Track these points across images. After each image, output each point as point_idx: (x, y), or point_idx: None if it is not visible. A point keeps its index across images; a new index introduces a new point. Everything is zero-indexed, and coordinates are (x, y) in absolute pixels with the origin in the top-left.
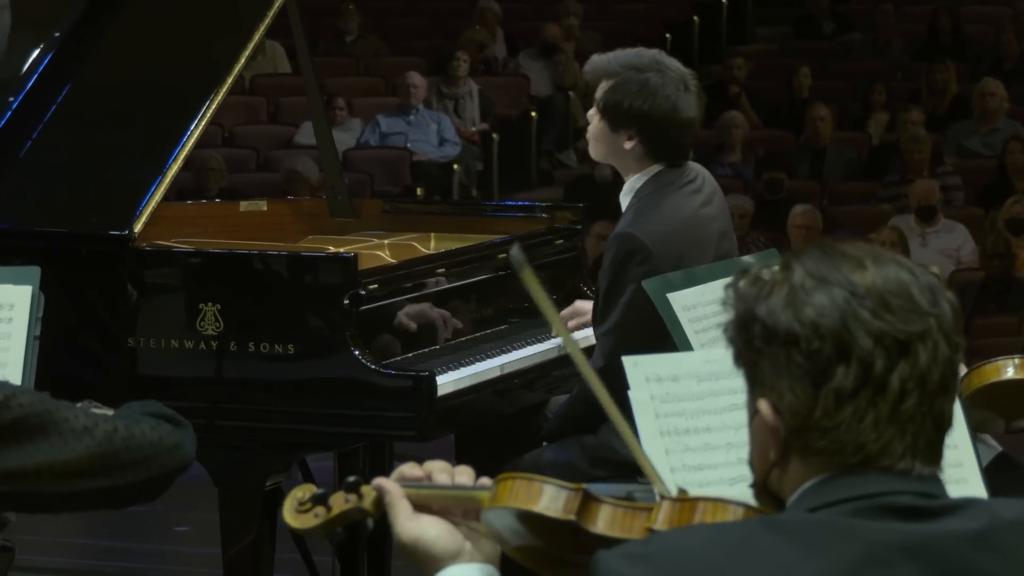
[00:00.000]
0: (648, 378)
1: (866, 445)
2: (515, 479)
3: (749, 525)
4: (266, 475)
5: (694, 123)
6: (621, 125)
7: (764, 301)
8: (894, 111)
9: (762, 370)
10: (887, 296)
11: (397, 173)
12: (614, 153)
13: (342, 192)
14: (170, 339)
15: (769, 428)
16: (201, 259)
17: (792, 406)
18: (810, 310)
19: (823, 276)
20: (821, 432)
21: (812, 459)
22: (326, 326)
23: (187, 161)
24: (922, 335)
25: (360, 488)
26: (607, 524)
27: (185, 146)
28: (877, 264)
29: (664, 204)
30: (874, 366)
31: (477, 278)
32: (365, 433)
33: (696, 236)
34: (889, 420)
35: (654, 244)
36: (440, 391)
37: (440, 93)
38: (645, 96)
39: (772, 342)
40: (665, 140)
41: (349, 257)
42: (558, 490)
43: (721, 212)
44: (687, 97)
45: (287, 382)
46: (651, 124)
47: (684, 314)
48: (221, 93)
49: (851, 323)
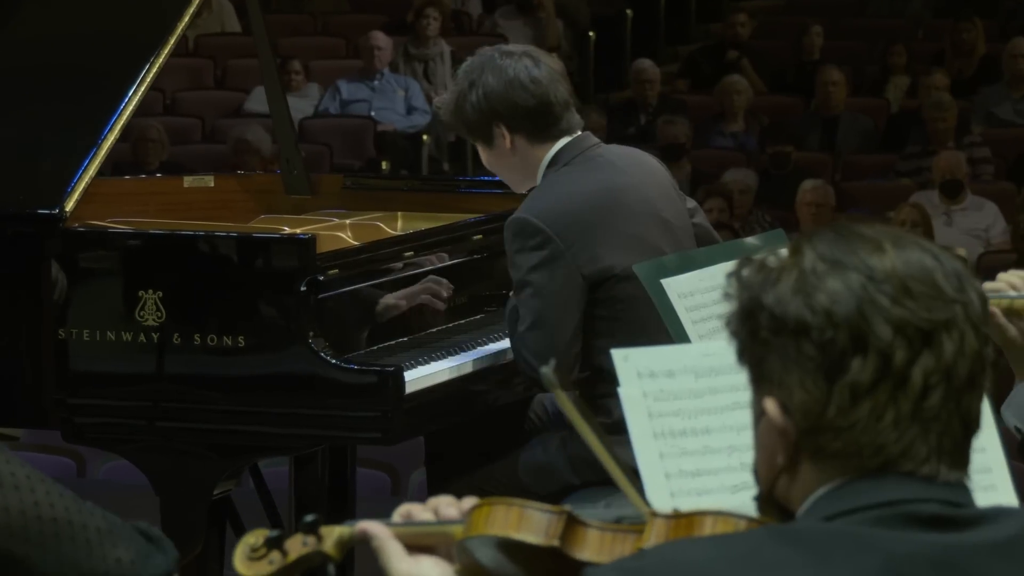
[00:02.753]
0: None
1: (886, 447)
2: (491, 505)
3: (756, 535)
4: (214, 482)
5: (545, 82)
6: (486, 130)
7: (772, 288)
8: (915, 74)
9: (769, 365)
10: (908, 281)
11: (360, 145)
12: (513, 166)
13: (298, 166)
14: (106, 330)
15: (777, 430)
16: (140, 241)
17: (803, 404)
18: (823, 296)
19: (837, 259)
20: (835, 432)
21: (826, 463)
22: (280, 316)
23: (124, 131)
24: (947, 324)
25: (319, 529)
26: (594, 549)
27: (122, 115)
28: (897, 247)
29: (561, 180)
30: (894, 358)
31: (449, 262)
32: (325, 435)
33: (607, 208)
34: (911, 419)
35: (550, 224)
36: (408, 388)
37: (408, 55)
38: (475, 86)
39: (781, 333)
40: (526, 114)
41: (306, 239)
42: (540, 514)
43: (649, 182)
44: (518, 62)
45: (237, 378)
46: (500, 105)
47: (680, 302)
48: (162, 55)
49: (868, 310)
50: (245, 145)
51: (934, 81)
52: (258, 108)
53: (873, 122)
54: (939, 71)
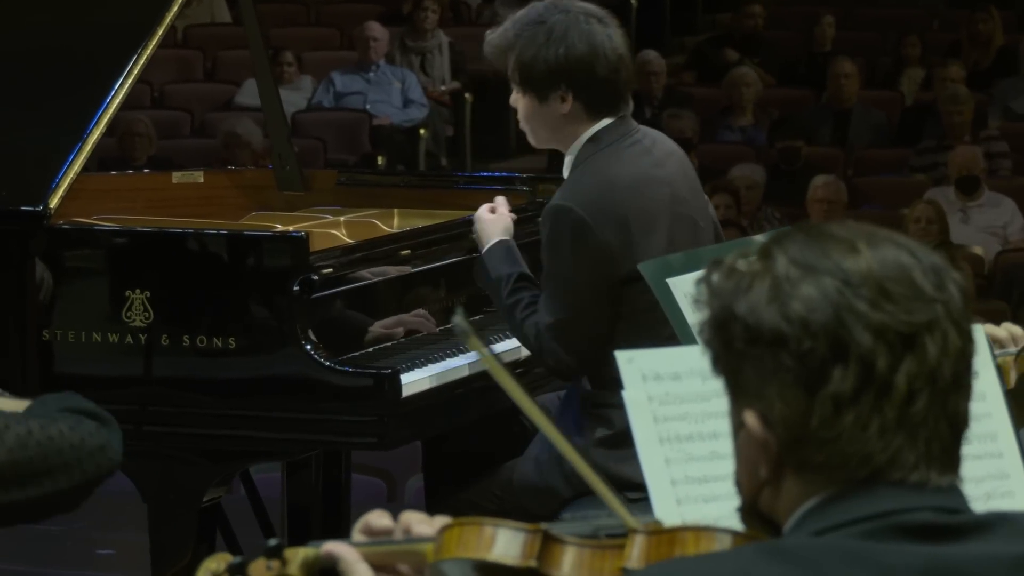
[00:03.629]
0: (645, 376)
1: (873, 456)
2: (461, 525)
3: (744, 554)
4: (203, 489)
5: (623, 59)
6: (548, 87)
7: (743, 296)
8: (930, 66)
9: (746, 376)
10: (886, 283)
11: (355, 139)
12: (554, 127)
13: (291, 161)
14: (91, 331)
15: (758, 442)
16: (127, 239)
17: (784, 416)
18: (798, 304)
19: (810, 264)
20: (819, 444)
21: (811, 476)
22: (272, 317)
23: (110, 125)
24: (929, 325)
25: (283, 553)
26: (573, 568)
27: (108, 108)
28: (872, 246)
29: (603, 167)
30: (876, 365)
31: (447, 261)
32: (318, 440)
33: (643, 201)
34: (897, 426)
35: (592, 215)
36: (405, 391)
37: (404, 47)
38: (557, 42)
39: (756, 344)
40: (599, 85)
41: (299, 237)
42: (514, 533)
43: (680, 176)
44: (604, 29)
45: (227, 381)
46: (578, 69)
47: (687, 302)
48: (150, 46)
49: (846, 317)
50: (236, 139)
51: (950, 73)
52: (249, 101)
53: (886, 116)
54: (955, 63)
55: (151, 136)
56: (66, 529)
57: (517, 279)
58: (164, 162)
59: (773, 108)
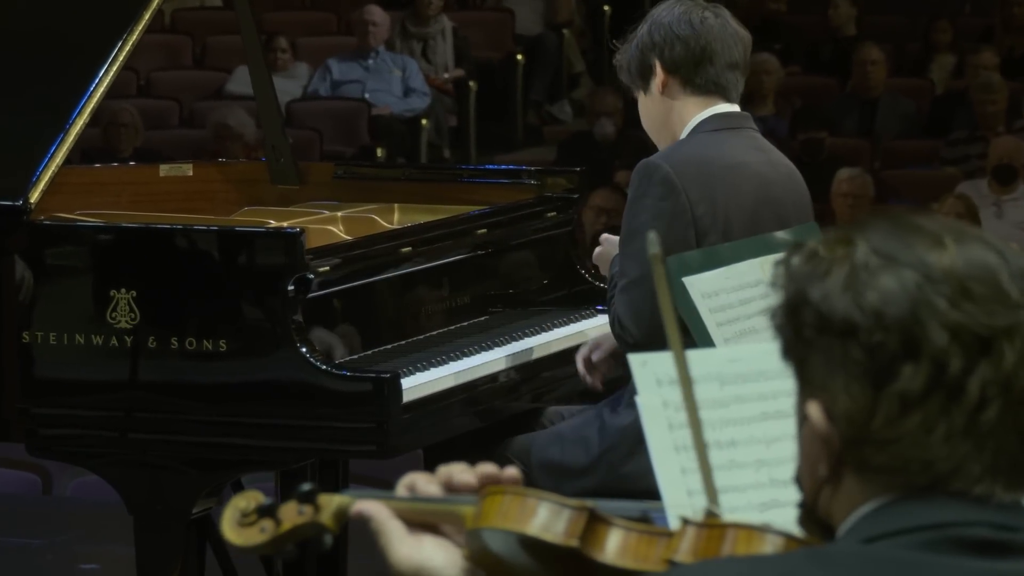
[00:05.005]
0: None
1: (935, 463)
2: (504, 494)
3: (791, 560)
4: (192, 500)
5: (714, 29)
6: (645, 67)
7: (819, 282)
8: (962, 52)
9: (813, 366)
10: (969, 282)
11: (352, 130)
12: (661, 116)
13: (285, 153)
14: (74, 333)
15: (820, 437)
16: (112, 235)
17: (847, 411)
18: (874, 295)
19: (892, 254)
20: (881, 445)
21: (870, 478)
22: (266, 318)
23: (94, 115)
24: (1009, 331)
25: (317, 498)
26: (617, 552)
27: (92, 97)
28: (959, 243)
29: (706, 142)
30: (949, 366)
31: (451, 259)
32: (314, 448)
33: (740, 187)
34: (965, 433)
35: (681, 177)
36: (406, 396)
37: (406, 32)
38: (647, 23)
39: (825, 332)
40: (684, 49)
41: (294, 233)
42: (558, 508)
43: (794, 195)
44: (705, 12)
45: (218, 386)
46: (661, 34)
47: (704, 303)
48: (136, 31)
49: (923, 313)
50: (226, 130)
51: (982, 60)
52: (241, 89)
53: (915, 105)
54: (987, 49)
55: (137, 127)
56: (48, 542)
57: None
58: (151, 154)
59: (795, 97)
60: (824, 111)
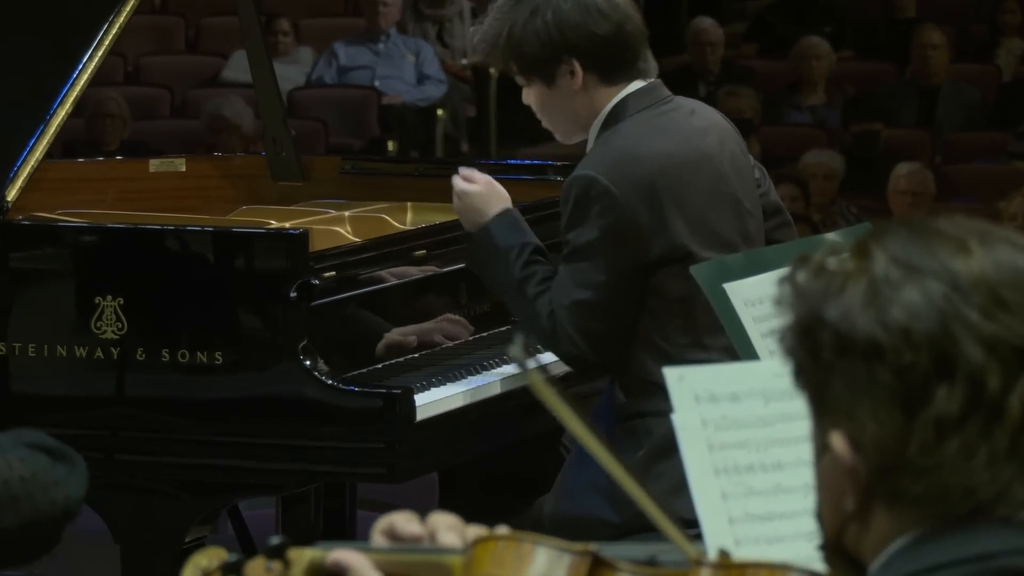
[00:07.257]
0: (699, 397)
1: (978, 489)
2: (497, 540)
3: None
4: (184, 528)
5: (621, 8)
6: (550, 64)
7: (835, 299)
8: None
9: (834, 392)
10: (1001, 289)
11: (361, 121)
12: (574, 110)
13: (287, 147)
14: (56, 344)
15: (845, 469)
16: (97, 236)
17: (877, 439)
18: (898, 311)
19: (914, 264)
20: (917, 474)
21: (905, 509)
22: (266, 328)
23: (77, 104)
24: None
25: (286, 553)
26: None
27: (75, 85)
28: (985, 245)
29: (628, 134)
30: (987, 384)
31: None
32: (318, 471)
33: (675, 172)
34: (1008, 455)
35: (618, 185)
36: (420, 414)
37: (419, 13)
38: (543, 14)
39: (847, 354)
40: (603, 44)
41: (297, 234)
42: (558, 554)
43: (721, 150)
44: None
45: (213, 402)
46: (573, 32)
47: (747, 311)
48: (124, 12)
49: (954, 327)
50: (222, 121)
51: None
52: (238, 76)
53: (980, 94)
54: None
55: (124, 117)
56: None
57: (532, 251)
58: (139, 147)
59: (848, 85)
60: (880, 100)
